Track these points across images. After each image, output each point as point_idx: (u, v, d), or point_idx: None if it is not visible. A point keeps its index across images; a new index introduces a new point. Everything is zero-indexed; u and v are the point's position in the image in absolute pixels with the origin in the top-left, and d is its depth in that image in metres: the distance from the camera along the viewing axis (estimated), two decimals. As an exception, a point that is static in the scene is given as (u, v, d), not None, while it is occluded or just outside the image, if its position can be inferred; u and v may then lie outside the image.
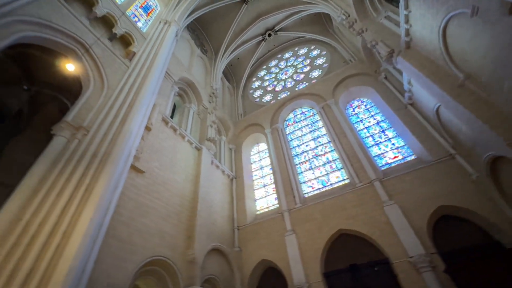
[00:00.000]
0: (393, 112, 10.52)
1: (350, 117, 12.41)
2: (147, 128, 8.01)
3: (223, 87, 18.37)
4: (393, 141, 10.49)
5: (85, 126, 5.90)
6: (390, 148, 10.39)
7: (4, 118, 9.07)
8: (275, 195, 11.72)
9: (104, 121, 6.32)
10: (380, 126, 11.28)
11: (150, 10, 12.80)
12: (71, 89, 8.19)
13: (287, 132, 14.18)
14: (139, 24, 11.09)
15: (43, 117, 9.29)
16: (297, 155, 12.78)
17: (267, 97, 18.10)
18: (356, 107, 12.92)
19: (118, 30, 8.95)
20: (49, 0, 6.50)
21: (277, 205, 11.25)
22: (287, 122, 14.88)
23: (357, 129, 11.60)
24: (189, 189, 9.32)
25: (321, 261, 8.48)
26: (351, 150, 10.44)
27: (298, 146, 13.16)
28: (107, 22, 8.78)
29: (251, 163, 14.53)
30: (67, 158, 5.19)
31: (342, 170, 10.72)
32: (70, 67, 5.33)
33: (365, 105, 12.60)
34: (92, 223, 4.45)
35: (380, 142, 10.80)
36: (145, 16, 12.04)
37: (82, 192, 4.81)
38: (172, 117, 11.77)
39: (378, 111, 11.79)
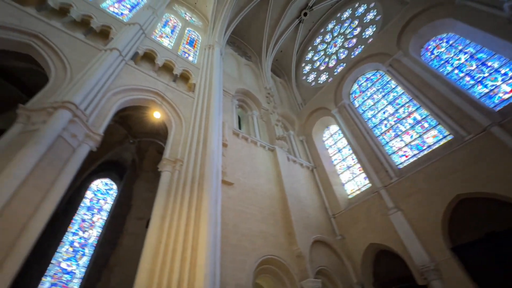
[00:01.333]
0: (491, 34, 8.20)
1: (430, 63, 10.36)
2: (224, 145, 8.85)
3: (276, 84, 18.48)
4: (503, 70, 8.14)
5: (179, 158, 7.02)
6: (501, 80, 8.10)
7: (126, 169, 11.77)
8: (364, 175, 10.86)
9: (191, 149, 7.36)
10: (477, 59, 8.96)
11: (194, 42, 14.21)
12: (161, 132, 9.94)
13: (356, 106, 12.99)
14: (190, 58, 12.46)
15: (149, 160, 11.57)
16: (375, 126, 11.52)
17: (323, 77, 17.13)
18: (434, 48, 10.69)
19: (177, 71, 10.31)
20: (127, 70, 8.13)
21: (369, 185, 10.39)
22: (353, 95, 13.64)
23: (445, 73, 9.56)
24: (275, 189, 9.71)
25: (443, 235, 7.31)
26: (445, 99, 8.68)
27: (374, 116, 11.85)
28: (167, 68, 10.26)
29: (327, 149, 13.97)
30: (175, 187, 6.29)
31: (439, 126, 9.01)
32: (156, 115, 6.53)
33: (447, 42, 10.27)
34: (209, 235, 5.23)
35: (484, 77, 8.56)
36: (192, 49, 13.45)
37: (193, 211, 5.72)
38: (240, 128, 12.61)
39: (468, 42, 9.41)
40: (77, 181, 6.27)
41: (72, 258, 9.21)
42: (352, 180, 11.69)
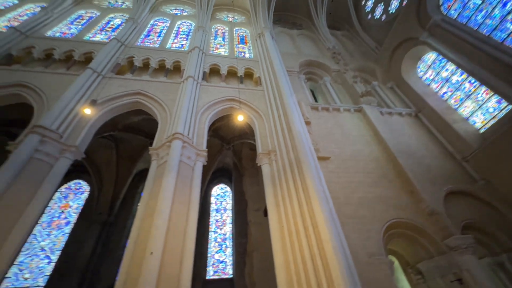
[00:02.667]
0: None
1: None
2: (307, 123, 8.73)
3: (338, 40, 16.57)
4: None
5: (271, 149, 7.46)
6: None
7: (231, 172, 13.51)
8: (496, 97, 8.27)
9: (278, 137, 7.67)
10: None
11: (245, 38, 14.56)
12: (248, 131, 10.86)
13: (455, 16, 9.96)
14: (247, 55, 12.88)
15: (246, 159, 12.85)
16: (494, 29, 8.51)
17: (394, 3, 14.00)
18: None
19: (241, 72, 10.90)
20: (203, 89, 9.26)
21: (511, 107, 7.83)
22: (445, 5, 10.52)
23: None
24: (377, 150, 8.82)
25: None
26: None
27: (488, 15, 8.76)
28: (232, 73, 10.99)
29: (428, 85, 11.44)
30: (277, 176, 6.74)
31: None
32: (240, 118, 7.19)
33: None
34: (324, 211, 5.35)
35: None
36: (246, 46, 13.83)
37: (301, 193, 5.97)
38: (316, 101, 12.09)
39: None
40: (202, 192, 7.82)
41: (220, 251, 11.51)
42: (479, 109, 9.13)
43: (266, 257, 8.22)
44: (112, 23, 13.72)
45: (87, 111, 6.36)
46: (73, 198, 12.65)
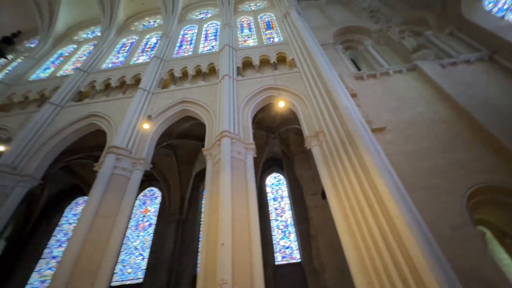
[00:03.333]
0: None
1: None
2: (353, 95, 8.10)
3: (374, -5, 14.67)
4: None
5: (318, 130, 7.18)
6: None
7: (281, 160, 13.56)
8: None
9: (324, 116, 7.32)
10: None
11: (271, 23, 14.16)
12: (291, 116, 10.72)
13: None
14: (276, 40, 12.53)
15: (294, 145, 12.70)
16: None
17: None
18: None
19: (273, 58, 10.71)
20: (240, 84, 9.43)
21: None
22: None
23: None
24: (442, 109, 7.67)
25: None
26: None
27: None
28: (265, 61, 10.87)
29: (502, 17, 9.27)
30: (330, 156, 6.48)
31: None
32: (281, 104, 7.13)
33: None
34: (388, 184, 4.94)
35: None
36: (273, 30, 13.45)
37: (360, 170, 5.61)
38: (359, 69, 11.07)
39: None
40: (256, 183, 8.10)
41: (284, 237, 11.81)
42: None
43: (332, 239, 8.08)
44: (149, 43, 14.98)
45: (146, 126, 7.16)
46: (150, 204, 14.58)
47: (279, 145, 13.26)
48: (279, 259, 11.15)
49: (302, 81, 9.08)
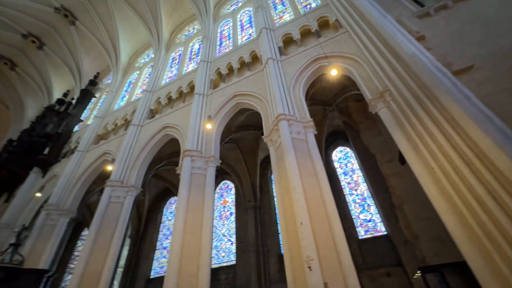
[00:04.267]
0: None
1: None
2: (420, 38, 6.78)
3: None
4: None
5: (383, 90, 6.36)
6: None
7: (344, 132, 12.69)
8: None
9: (386, 73, 6.41)
10: None
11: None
12: (347, 83, 9.86)
13: None
14: (313, 5, 11.52)
15: (356, 113, 11.67)
16: None
17: None
18: None
19: (314, 26, 9.92)
20: (285, 63, 9.14)
21: None
22: None
23: None
24: None
25: None
26: None
27: None
28: (306, 32, 10.17)
29: None
30: (402, 116, 5.67)
31: None
32: (333, 72, 6.63)
33: None
34: (490, 133, 4.03)
35: None
36: (308, -4, 12.38)
37: (446, 124, 4.73)
38: (423, 5, 9.11)
39: None
40: (322, 160, 7.80)
41: (363, 211, 11.21)
42: None
43: (421, 206, 7.22)
44: (194, 50, 16.00)
45: (208, 126, 7.79)
46: (226, 195, 16.05)
47: (339, 117, 12.41)
48: (362, 233, 10.71)
49: (352, 41, 8.14)
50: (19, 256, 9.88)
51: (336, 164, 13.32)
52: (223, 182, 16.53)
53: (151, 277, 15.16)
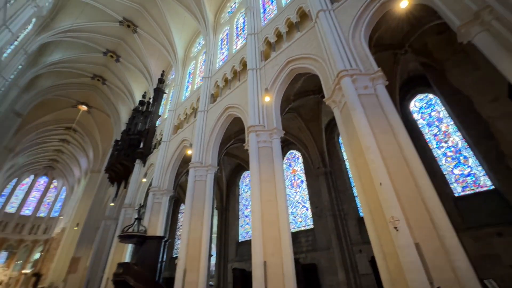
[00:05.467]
0: None
1: None
2: None
3: None
4: None
5: (478, 9, 4.88)
6: None
7: (423, 76, 10.59)
8: None
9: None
10: None
11: None
12: (424, 14, 8.03)
13: None
14: None
15: (441, 47, 9.46)
16: None
17: None
18: None
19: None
20: (340, 11, 8.04)
21: None
22: None
23: None
24: None
25: None
26: None
27: None
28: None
29: None
30: (513, 36, 4.30)
31: None
32: (403, 4, 5.47)
33: None
34: None
35: None
36: None
37: None
38: None
39: None
40: (398, 113, 6.72)
41: (458, 164, 9.51)
42: None
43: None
44: (239, 25, 15.78)
45: (267, 99, 7.83)
46: (294, 164, 16.29)
47: (415, 59, 10.39)
48: (459, 190, 9.25)
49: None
50: (142, 227, 12.87)
51: (416, 116, 11.49)
52: (289, 152, 16.75)
53: (240, 240, 17.40)
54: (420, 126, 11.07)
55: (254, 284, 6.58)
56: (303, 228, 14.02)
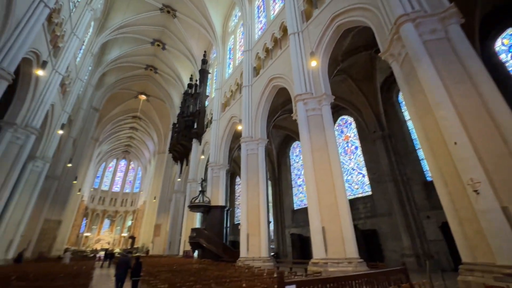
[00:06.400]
0: None
1: None
2: None
3: None
4: None
5: None
6: None
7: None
8: None
9: None
10: None
11: None
12: None
13: None
14: None
15: None
16: None
17: None
18: None
19: None
20: None
21: None
22: None
23: None
24: None
25: None
26: None
27: None
28: None
29: None
30: None
31: None
32: None
33: None
34: None
35: None
36: None
37: None
38: None
39: None
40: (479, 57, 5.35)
41: None
42: None
43: None
44: (274, -14, 14.61)
45: (313, 63, 7.34)
46: (347, 131, 15.40)
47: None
48: None
49: None
50: (206, 198, 14.42)
51: (504, 57, 9.26)
52: (340, 118, 15.82)
53: (295, 208, 18.04)
54: (510, 69, 8.93)
55: (314, 247, 6.88)
56: (360, 195, 13.61)
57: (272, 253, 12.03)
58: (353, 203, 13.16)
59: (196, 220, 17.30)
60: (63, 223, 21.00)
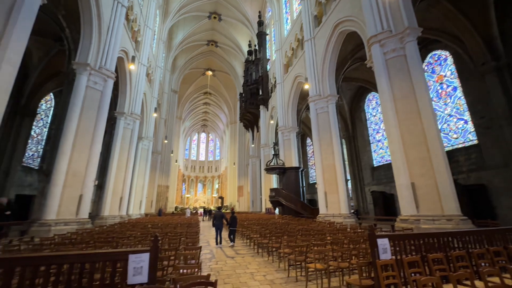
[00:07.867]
0: None
1: None
2: None
3: None
4: None
5: None
6: None
7: None
8: None
9: None
10: None
11: None
12: None
13: None
14: None
15: None
16: None
17: None
18: None
19: None
20: None
21: None
22: None
23: None
24: None
25: None
26: None
27: None
28: None
29: None
30: None
31: None
32: None
33: None
34: None
35: None
36: None
37: None
38: None
39: None
40: None
41: None
42: None
43: None
44: None
45: (390, -7, 5.98)
46: (440, 69, 12.47)
47: None
48: None
49: None
50: (280, 160, 15.05)
51: None
52: (430, 55, 12.84)
53: (375, 165, 16.79)
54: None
55: (402, 204, 6.40)
56: (460, 146, 11.36)
57: (352, 210, 11.89)
58: (450, 155, 11.15)
59: (273, 181, 18.55)
60: (170, 187, 26.38)
